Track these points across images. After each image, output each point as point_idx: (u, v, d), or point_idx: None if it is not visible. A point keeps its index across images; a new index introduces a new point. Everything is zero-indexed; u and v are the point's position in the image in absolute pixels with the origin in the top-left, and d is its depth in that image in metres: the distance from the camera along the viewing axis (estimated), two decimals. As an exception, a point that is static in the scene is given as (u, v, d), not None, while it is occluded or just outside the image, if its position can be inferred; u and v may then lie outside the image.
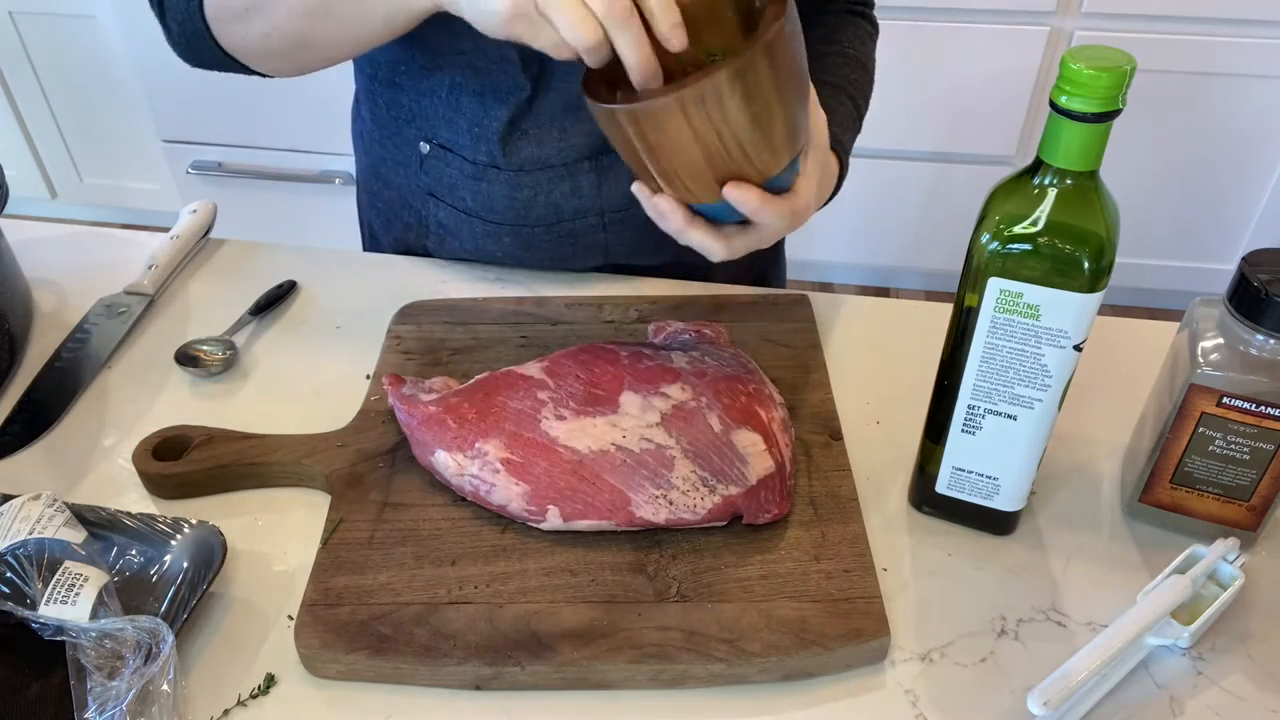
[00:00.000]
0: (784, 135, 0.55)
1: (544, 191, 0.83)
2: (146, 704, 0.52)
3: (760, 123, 0.53)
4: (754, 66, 0.51)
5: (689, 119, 0.52)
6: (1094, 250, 0.51)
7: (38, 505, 0.60)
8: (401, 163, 0.88)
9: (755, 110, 0.53)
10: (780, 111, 0.54)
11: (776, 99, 0.53)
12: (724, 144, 0.54)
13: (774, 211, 0.58)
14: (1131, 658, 0.56)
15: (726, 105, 0.52)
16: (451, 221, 0.87)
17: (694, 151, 0.54)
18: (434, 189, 0.86)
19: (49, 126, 2.32)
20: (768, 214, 0.58)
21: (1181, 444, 0.60)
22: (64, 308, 0.84)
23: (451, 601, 0.58)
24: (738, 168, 0.55)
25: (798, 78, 0.55)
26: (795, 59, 0.54)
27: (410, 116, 0.84)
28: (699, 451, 0.62)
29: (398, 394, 0.67)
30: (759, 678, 0.56)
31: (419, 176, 0.87)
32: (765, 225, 0.59)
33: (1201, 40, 1.78)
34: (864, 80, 0.82)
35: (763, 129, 0.54)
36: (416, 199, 0.88)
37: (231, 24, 0.69)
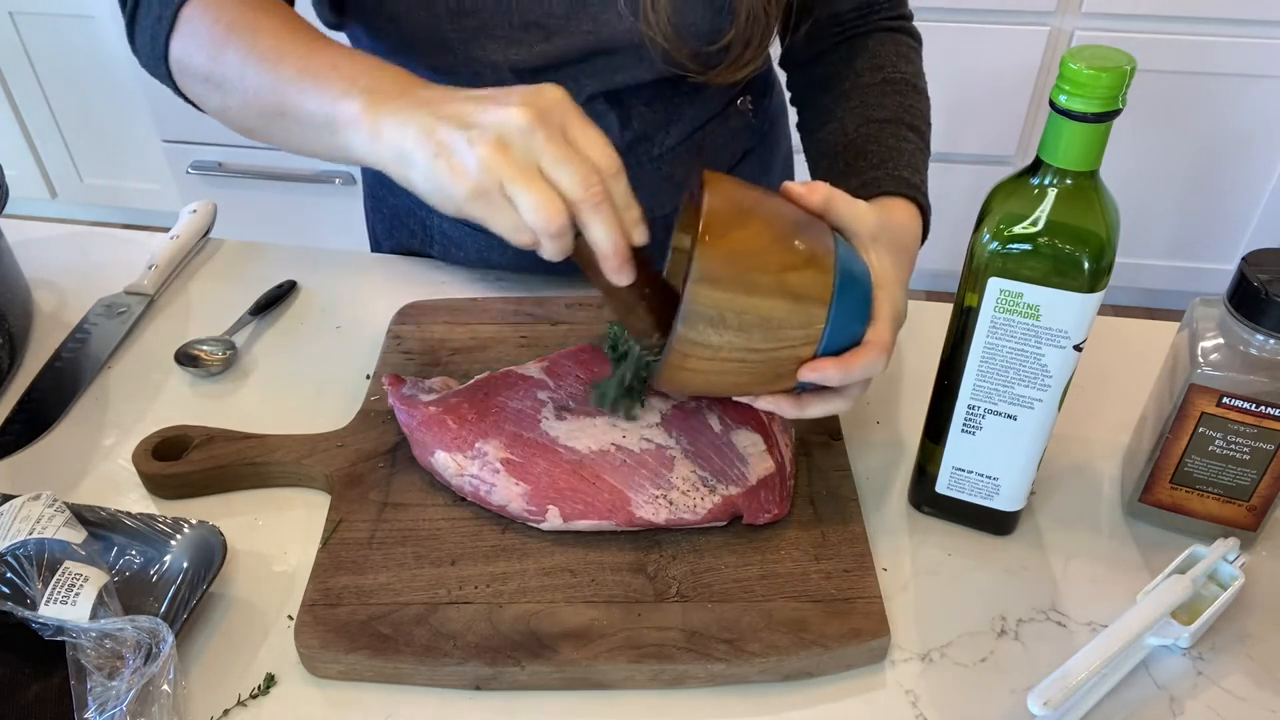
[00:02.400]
0: (790, 308, 0.51)
1: None
2: (146, 704, 0.52)
3: (752, 327, 0.50)
4: (698, 301, 0.49)
5: (693, 369, 0.52)
6: (1094, 250, 0.51)
7: (38, 505, 0.60)
8: None
9: (735, 325, 0.50)
10: (762, 300, 0.50)
11: (748, 298, 0.50)
12: (742, 360, 0.52)
13: (860, 365, 0.53)
14: (1131, 658, 0.56)
15: (706, 342, 0.50)
16: (455, 232, 0.87)
17: (730, 378, 0.53)
18: None
19: (49, 126, 2.32)
20: (858, 369, 0.53)
21: (1181, 444, 0.60)
22: (64, 308, 0.84)
23: (451, 601, 0.58)
24: (782, 359, 0.52)
25: (763, 255, 0.51)
26: (745, 247, 0.50)
27: None
28: (699, 451, 0.62)
29: (398, 394, 0.67)
30: (759, 678, 0.56)
31: None
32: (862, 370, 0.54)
33: (1201, 40, 1.78)
34: (919, 103, 0.78)
35: (761, 328, 0.51)
36: (421, 208, 0.88)
37: (192, 84, 0.66)
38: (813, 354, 0.53)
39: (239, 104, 0.63)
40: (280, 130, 0.61)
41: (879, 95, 0.76)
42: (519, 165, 0.49)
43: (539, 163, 0.50)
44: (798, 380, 0.54)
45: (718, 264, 0.49)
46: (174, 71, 0.67)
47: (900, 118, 0.75)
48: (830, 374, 0.53)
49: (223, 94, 0.63)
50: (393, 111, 0.53)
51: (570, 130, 0.51)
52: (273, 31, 0.61)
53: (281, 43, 0.60)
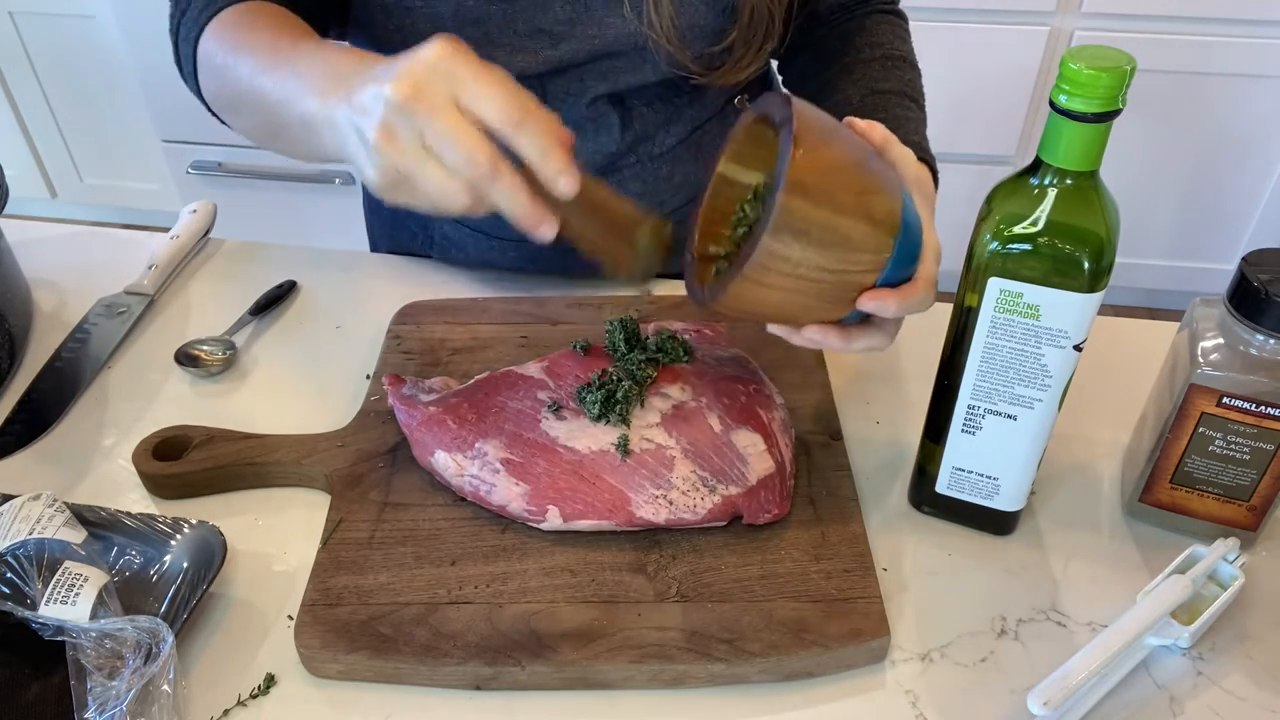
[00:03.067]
0: (866, 232, 0.51)
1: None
2: (146, 704, 0.52)
3: (833, 245, 0.51)
4: (788, 211, 0.49)
5: (765, 284, 0.51)
6: (1094, 250, 0.51)
7: (38, 505, 0.60)
8: None
9: (817, 240, 0.50)
10: (846, 220, 0.51)
11: (833, 215, 0.50)
12: (815, 280, 0.52)
13: (916, 298, 0.54)
14: (1131, 658, 0.56)
15: (788, 255, 0.50)
16: (456, 235, 0.87)
17: (796, 298, 0.53)
18: None
19: (49, 126, 2.32)
20: (912, 303, 0.54)
21: (1181, 444, 0.60)
22: (64, 308, 0.84)
23: (451, 601, 0.58)
24: (847, 283, 0.53)
25: (846, 177, 0.51)
26: (831, 165, 0.51)
27: None
28: (699, 451, 0.62)
29: (398, 394, 0.67)
30: (759, 678, 0.56)
31: None
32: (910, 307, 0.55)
33: (1201, 40, 1.78)
34: (916, 78, 0.81)
35: (840, 247, 0.51)
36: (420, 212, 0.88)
37: (221, 111, 0.68)
38: (874, 282, 0.54)
39: (250, 124, 0.65)
40: (288, 143, 0.61)
41: (881, 70, 0.79)
42: (408, 152, 0.48)
43: (427, 143, 0.48)
44: (853, 309, 0.54)
45: (809, 176, 0.49)
46: (208, 101, 0.69)
47: (902, 89, 0.77)
48: (890, 304, 0.54)
49: (240, 116, 0.66)
50: (330, 107, 0.52)
51: (458, 91, 0.48)
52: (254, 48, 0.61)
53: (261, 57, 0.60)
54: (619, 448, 0.62)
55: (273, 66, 0.59)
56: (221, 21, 0.65)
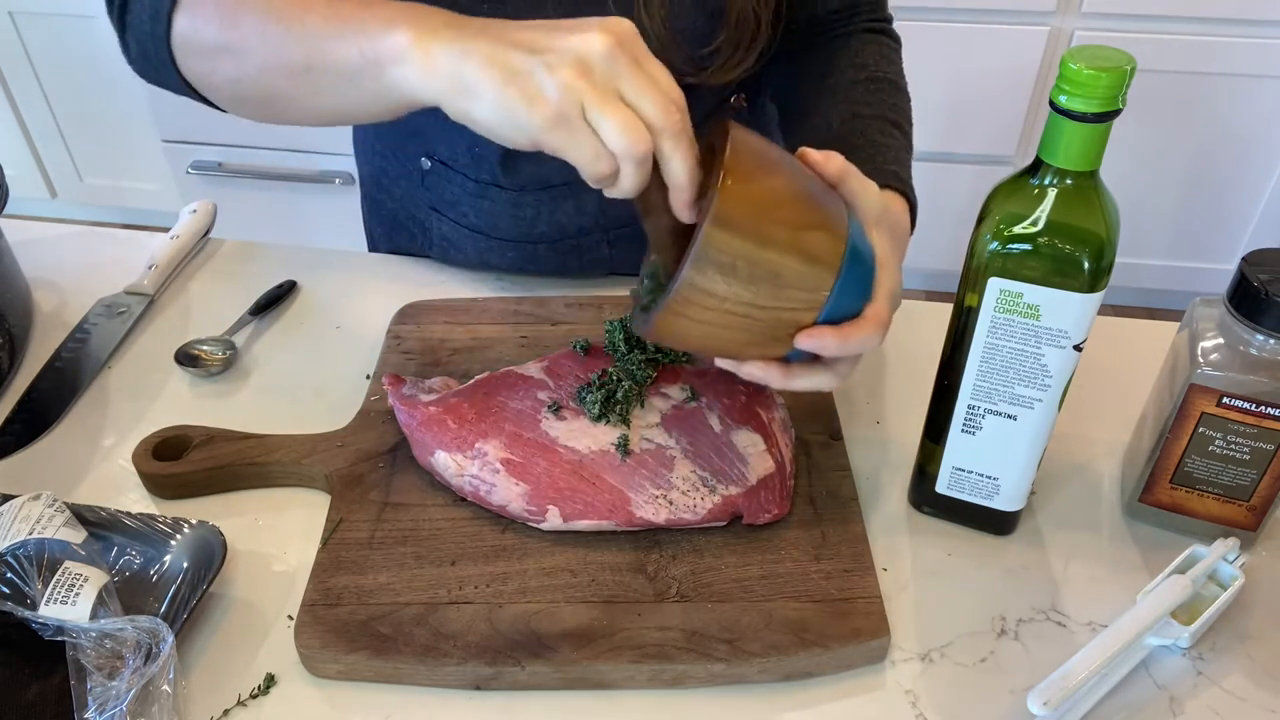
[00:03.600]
0: (800, 268, 0.50)
1: (547, 210, 0.82)
2: (146, 704, 0.52)
3: (760, 280, 0.49)
4: (712, 245, 0.47)
5: (691, 318, 0.50)
6: (1094, 250, 0.51)
7: (38, 505, 0.60)
8: (403, 176, 0.88)
9: (744, 275, 0.48)
10: (775, 255, 0.49)
11: (761, 250, 0.48)
12: (744, 316, 0.50)
13: (859, 338, 0.52)
14: (1131, 658, 0.56)
15: (712, 290, 0.48)
16: (455, 235, 0.87)
17: (726, 334, 0.51)
18: (436, 204, 0.86)
19: (49, 126, 2.32)
20: (854, 343, 0.52)
21: (1181, 444, 0.60)
22: (64, 308, 0.84)
23: (451, 601, 0.58)
24: (782, 321, 0.51)
25: (780, 210, 0.49)
26: (763, 198, 0.49)
27: (411, 131, 0.84)
28: (699, 451, 0.62)
29: (398, 394, 0.67)
30: (759, 678, 0.56)
31: (421, 191, 0.87)
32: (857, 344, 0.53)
33: (1201, 40, 1.78)
34: (902, 102, 0.78)
35: (769, 283, 0.49)
36: (420, 211, 0.88)
37: (199, 59, 0.63)
38: (812, 320, 0.52)
39: (257, 68, 0.59)
40: (307, 87, 0.58)
41: (864, 92, 0.77)
42: (602, 89, 0.48)
43: (620, 88, 0.48)
44: (792, 347, 0.53)
45: (737, 209, 0.48)
46: (176, 49, 0.63)
47: (884, 114, 0.75)
48: (828, 343, 0.52)
49: (238, 61, 0.60)
50: (448, 41, 0.50)
51: (643, 61, 0.50)
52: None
53: None
54: (619, 448, 0.62)
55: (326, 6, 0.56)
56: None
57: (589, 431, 0.63)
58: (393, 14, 0.54)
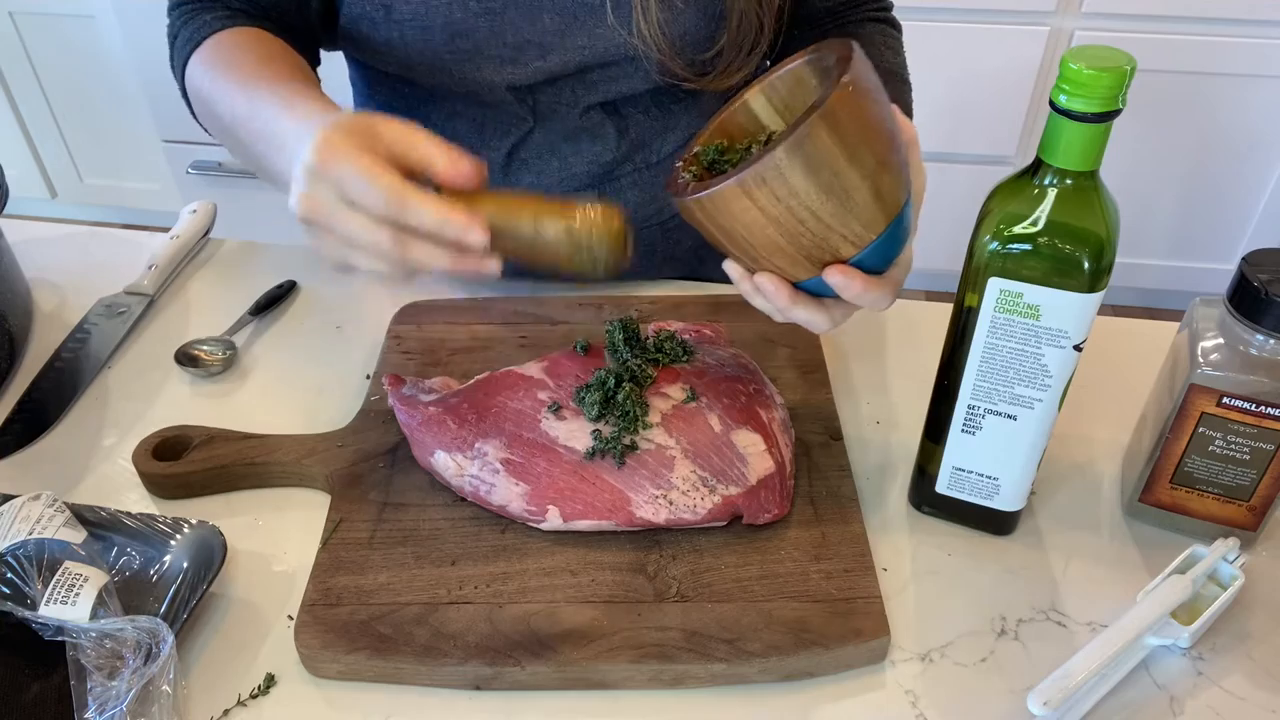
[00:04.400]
0: (867, 200, 0.51)
1: None
2: (146, 704, 0.52)
3: (834, 193, 0.49)
4: (812, 137, 0.47)
5: (755, 201, 0.49)
6: (1094, 250, 0.51)
7: (38, 505, 0.60)
8: None
9: (824, 181, 0.49)
10: (856, 177, 0.49)
11: (848, 164, 0.49)
12: (800, 221, 0.50)
13: (879, 293, 0.54)
14: (1131, 658, 0.56)
15: (790, 181, 0.48)
16: None
17: (771, 233, 0.51)
18: None
19: (49, 126, 2.32)
20: (871, 297, 0.54)
21: (1181, 444, 0.60)
22: (64, 308, 0.84)
23: (451, 601, 0.58)
24: (825, 243, 0.52)
25: (874, 137, 0.50)
26: (867, 119, 0.50)
27: None
28: (699, 451, 0.62)
29: (398, 394, 0.67)
30: (759, 678, 0.56)
31: None
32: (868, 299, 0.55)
33: (1201, 40, 1.78)
34: (904, 93, 0.79)
35: (839, 199, 0.50)
36: None
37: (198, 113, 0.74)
38: (849, 255, 0.53)
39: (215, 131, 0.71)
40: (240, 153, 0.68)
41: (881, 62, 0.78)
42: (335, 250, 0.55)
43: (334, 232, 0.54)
44: (814, 275, 0.53)
45: (845, 115, 0.48)
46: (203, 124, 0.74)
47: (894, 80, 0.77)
48: (855, 286, 0.53)
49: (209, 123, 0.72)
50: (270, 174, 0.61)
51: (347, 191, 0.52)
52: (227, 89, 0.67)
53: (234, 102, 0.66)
54: (615, 453, 0.62)
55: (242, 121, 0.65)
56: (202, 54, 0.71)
57: (589, 431, 0.63)
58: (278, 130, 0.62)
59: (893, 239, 0.53)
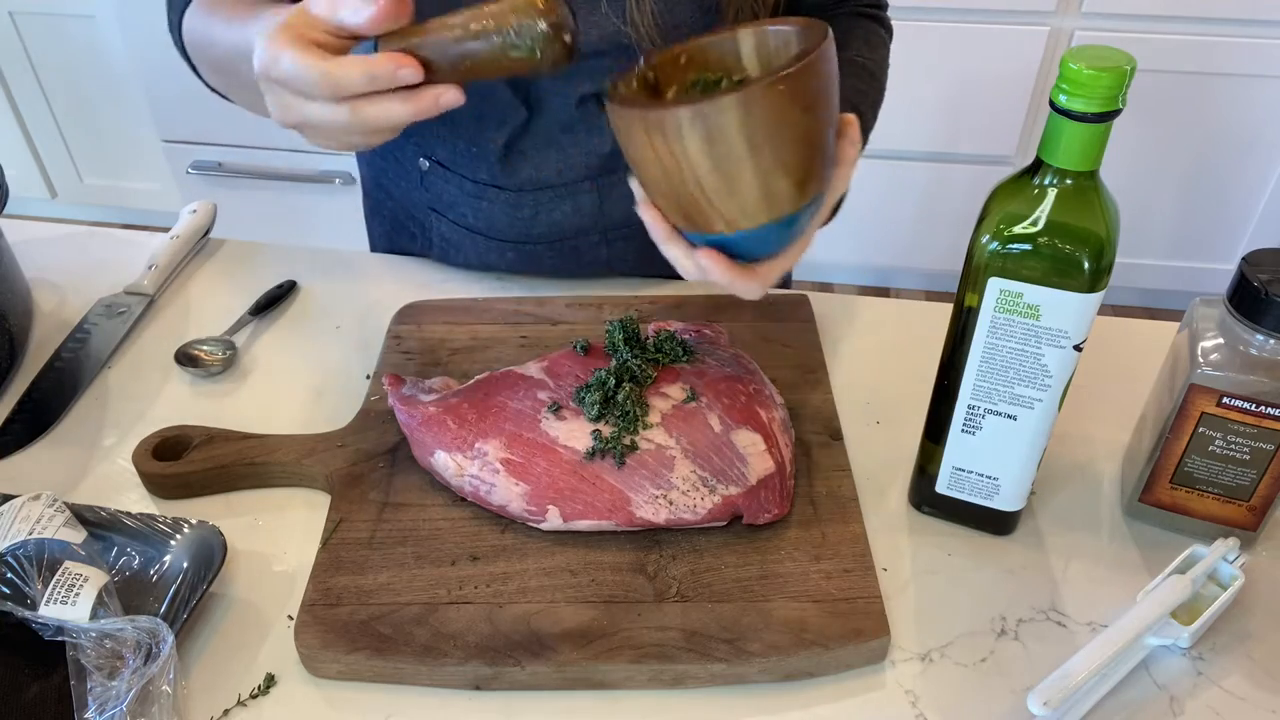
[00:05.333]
0: (754, 193, 0.52)
1: (545, 210, 0.83)
2: (146, 704, 0.52)
3: (721, 173, 0.51)
4: (720, 113, 0.49)
5: (650, 141, 0.51)
6: (1094, 250, 0.51)
7: (38, 505, 0.60)
8: (403, 176, 0.88)
9: (716, 157, 0.50)
10: (750, 168, 0.51)
11: (746, 153, 0.50)
12: (683, 180, 0.52)
13: (745, 284, 0.57)
14: (1131, 658, 0.56)
15: (685, 142, 0.50)
16: (454, 235, 0.87)
17: (656, 173, 0.53)
18: (435, 204, 0.86)
19: (49, 126, 2.32)
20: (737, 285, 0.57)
21: (1181, 444, 0.60)
22: (64, 308, 0.84)
23: (451, 601, 0.58)
24: (700, 210, 0.53)
25: (785, 140, 0.51)
26: (786, 120, 0.50)
27: (409, 132, 0.84)
28: (699, 451, 0.62)
29: (398, 394, 0.67)
30: (759, 678, 0.56)
31: (420, 191, 0.87)
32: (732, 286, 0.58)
33: (1201, 40, 1.78)
34: (872, 90, 0.79)
35: (725, 180, 0.51)
36: (419, 211, 0.88)
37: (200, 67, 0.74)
38: (721, 233, 0.55)
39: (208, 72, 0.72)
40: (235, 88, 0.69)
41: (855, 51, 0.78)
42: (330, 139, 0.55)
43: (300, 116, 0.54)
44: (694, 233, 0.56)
45: (764, 110, 0.49)
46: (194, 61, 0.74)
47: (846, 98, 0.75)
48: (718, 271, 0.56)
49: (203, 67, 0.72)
50: None
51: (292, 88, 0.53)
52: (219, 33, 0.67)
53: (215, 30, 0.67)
54: (615, 453, 0.62)
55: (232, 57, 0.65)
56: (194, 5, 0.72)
57: (589, 431, 0.63)
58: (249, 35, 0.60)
59: (771, 237, 0.54)
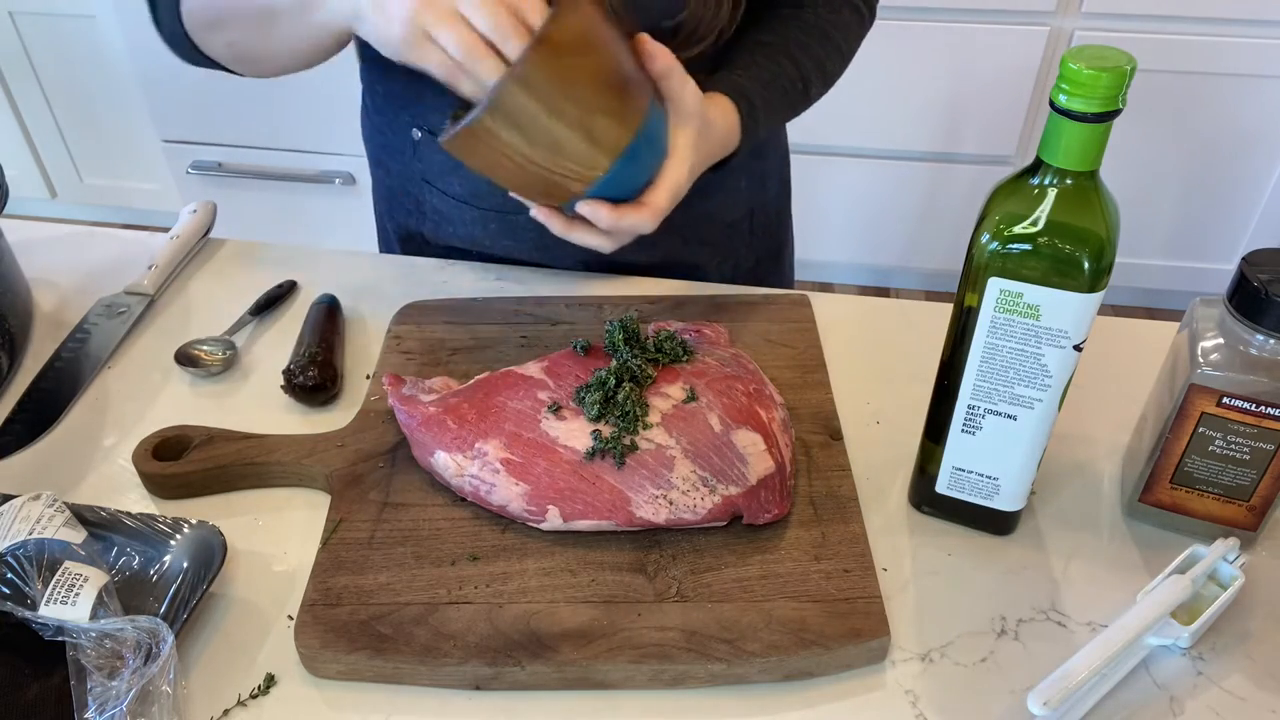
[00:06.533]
0: (581, 145, 0.56)
1: None
2: (146, 704, 0.52)
3: (541, 144, 0.55)
4: (506, 98, 0.53)
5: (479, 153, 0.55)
6: (1094, 250, 0.51)
7: (38, 505, 0.60)
8: (399, 149, 0.89)
9: (529, 133, 0.55)
10: (563, 127, 0.55)
11: (550, 118, 0.54)
12: (523, 165, 0.56)
13: (632, 220, 0.60)
14: (1131, 658, 0.56)
15: (500, 135, 0.54)
16: (445, 207, 0.88)
17: (503, 175, 0.57)
18: (427, 174, 0.87)
19: (49, 126, 2.32)
20: (626, 223, 0.59)
21: (1181, 444, 0.60)
22: (64, 308, 0.84)
23: (451, 601, 0.58)
24: (554, 183, 0.57)
25: (582, 87, 0.55)
26: (571, 71, 0.54)
27: (404, 103, 0.85)
28: (699, 451, 0.62)
29: (398, 394, 0.67)
30: (759, 678, 0.56)
31: (413, 162, 0.88)
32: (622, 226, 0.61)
33: (1201, 40, 1.78)
34: (817, 46, 0.79)
35: (548, 148, 0.55)
36: (414, 185, 0.89)
37: (204, 33, 0.73)
38: (582, 191, 0.59)
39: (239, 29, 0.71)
40: (277, 35, 0.68)
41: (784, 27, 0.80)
42: (439, 11, 0.56)
43: (458, 8, 0.55)
44: (569, 203, 0.59)
45: (538, 74, 0.53)
46: (190, 30, 0.73)
47: (787, 47, 0.78)
48: (602, 217, 0.59)
49: (226, 28, 0.71)
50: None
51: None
52: None
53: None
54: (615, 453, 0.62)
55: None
56: None
57: (589, 431, 0.63)
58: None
59: (632, 169, 0.58)
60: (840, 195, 2.07)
